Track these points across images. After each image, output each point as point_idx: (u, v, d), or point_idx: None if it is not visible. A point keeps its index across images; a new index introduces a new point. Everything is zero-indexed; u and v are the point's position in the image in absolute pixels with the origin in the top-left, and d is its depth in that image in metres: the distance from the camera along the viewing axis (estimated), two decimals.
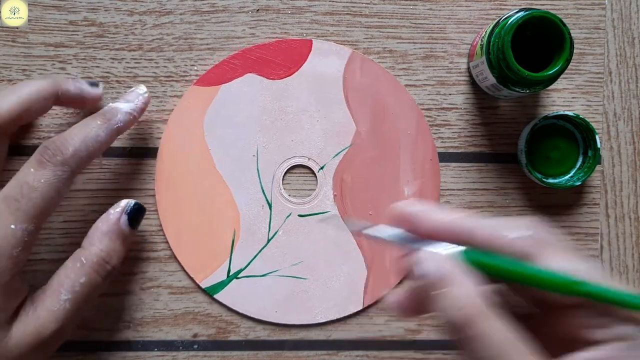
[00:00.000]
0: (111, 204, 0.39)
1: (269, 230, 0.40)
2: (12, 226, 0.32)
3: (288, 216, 0.40)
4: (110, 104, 0.36)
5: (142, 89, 0.37)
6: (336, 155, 0.41)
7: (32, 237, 0.33)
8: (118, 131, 0.35)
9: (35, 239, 0.33)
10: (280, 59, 0.40)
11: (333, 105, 0.41)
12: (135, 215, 0.37)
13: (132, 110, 0.36)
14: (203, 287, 0.40)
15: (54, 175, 0.33)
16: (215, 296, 0.40)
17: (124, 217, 0.36)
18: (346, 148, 0.41)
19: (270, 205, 0.40)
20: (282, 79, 0.40)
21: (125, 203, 0.37)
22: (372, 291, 0.40)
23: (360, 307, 0.40)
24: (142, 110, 0.37)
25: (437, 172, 0.41)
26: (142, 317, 0.40)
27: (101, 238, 0.35)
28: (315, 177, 0.41)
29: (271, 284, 0.40)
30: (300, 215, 0.40)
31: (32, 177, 0.32)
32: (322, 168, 0.41)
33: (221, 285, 0.40)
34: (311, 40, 0.40)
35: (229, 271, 0.40)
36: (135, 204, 0.37)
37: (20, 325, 0.33)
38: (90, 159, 0.34)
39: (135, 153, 0.40)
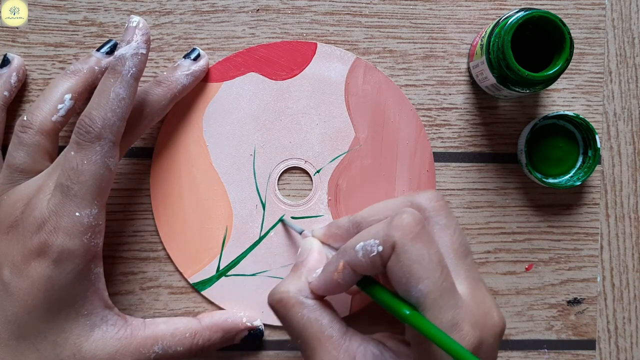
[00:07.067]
0: (111, 204, 0.40)
1: (261, 230, 0.40)
2: (77, 213, 0.32)
3: (281, 217, 0.40)
4: (116, 52, 0.34)
5: (134, 20, 0.35)
6: (333, 160, 0.40)
7: (99, 219, 0.33)
8: (135, 78, 0.34)
9: (103, 220, 0.34)
10: (284, 60, 0.40)
11: (333, 110, 0.40)
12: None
13: (136, 50, 0.34)
14: (191, 282, 0.40)
15: (94, 152, 0.32)
16: (203, 292, 0.40)
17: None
18: (344, 153, 0.40)
19: (263, 205, 0.40)
20: (284, 80, 0.40)
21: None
22: (360, 297, 0.40)
23: (347, 313, 0.40)
24: (146, 42, 0.34)
25: (433, 184, 0.41)
26: (142, 317, 0.40)
27: None
28: (311, 180, 0.41)
29: (260, 283, 0.40)
30: (293, 218, 0.40)
31: (75, 161, 0.32)
32: (318, 172, 0.40)
33: (209, 281, 0.40)
34: (316, 44, 0.40)
35: (218, 268, 0.40)
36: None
37: (101, 335, 0.34)
38: (124, 120, 0.33)
39: (135, 153, 0.40)
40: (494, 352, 0.31)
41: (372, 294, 0.31)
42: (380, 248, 0.29)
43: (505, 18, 0.36)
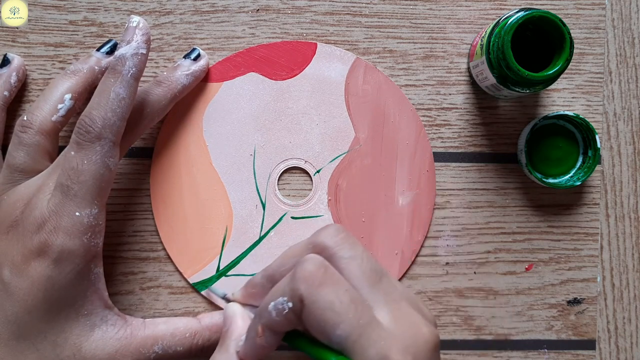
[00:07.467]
0: (111, 204, 0.40)
1: (261, 230, 0.40)
2: (77, 213, 0.32)
3: (281, 217, 0.40)
4: (116, 52, 0.34)
5: (134, 20, 0.35)
6: (333, 160, 0.40)
7: (99, 219, 0.33)
8: (135, 78, 0.34)
9: (103, 220, 0.34)
10: (284, 60, 0.40)
11: (333, 110, 0.40)
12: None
13: (136, 50, 0.34)
14: (191, 282, 0.40)
15: (94, 152, 0.32)
16: (203, 292, 0.40)
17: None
18: (344, 154, 0.40)
19: (263, 205, 0.40)
20: (284, 80, 0.40)
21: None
22: None
23: None
24: (146, 42, 0.34)
25: (433, 184, 0.41)
26: (142, 317, 0.40)
27: None
28: (311, 180, 0.41)
29: None
30: (293, 218, 0.40)
31: (75, 161, 0.32)
32: (318, 172, 0.40)
33: (209, 281, 0.40)
34: (316, 44, 0.40)
35: (218, 268, 0.40)
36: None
37: (101, 335, 0.34)
38: (124, 120, 0.33)
39: (135, 153, 0.40)
40: None
41: (298, 347, 0.31)
42: (290, 304, 0.29)
43: (505, 18, 0.36)
